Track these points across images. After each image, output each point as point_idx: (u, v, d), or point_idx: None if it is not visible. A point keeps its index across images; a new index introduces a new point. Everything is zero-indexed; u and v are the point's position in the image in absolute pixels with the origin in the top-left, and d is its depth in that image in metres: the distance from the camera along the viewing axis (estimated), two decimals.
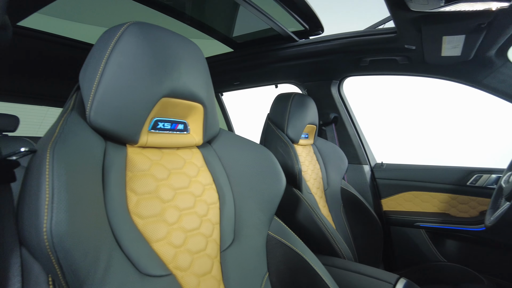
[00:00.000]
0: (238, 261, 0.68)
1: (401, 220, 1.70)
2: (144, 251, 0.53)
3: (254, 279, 0.70)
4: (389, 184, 1.79)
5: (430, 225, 1.60)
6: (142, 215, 0.56)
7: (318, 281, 0.73)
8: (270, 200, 0.76)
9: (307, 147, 1.55)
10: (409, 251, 1.65)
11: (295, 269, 0.74)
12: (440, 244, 1.60)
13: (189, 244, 0.61)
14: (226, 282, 0.64)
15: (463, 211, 1.60)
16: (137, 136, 0.59)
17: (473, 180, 1.59)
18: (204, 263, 0.62)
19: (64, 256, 0.37)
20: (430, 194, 1.68)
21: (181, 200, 0.63)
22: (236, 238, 0.71)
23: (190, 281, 0.58)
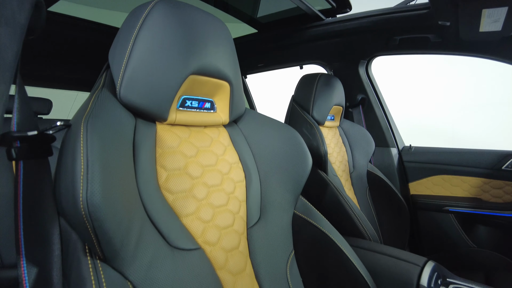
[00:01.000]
0: (264, 239, 0.69)
1: (429, 204, 1.66)
2: (174, 225, 0.55)
3: (280, 257, 0.70)
4: (417, 168, 1.74)
5: (460, 209, 1.55)
6: (172, 190, 0.57)
7: (345, 260, 0.72)
8: (296, 180, 0.76)
9: (332, 129, 1.53)
10: (437, 236, 1.61)
11: (321, 248, 0.74)
12: (471, 230, 1.55)
13: (217, 219, 0.62)
14: (253, 258, 0.65)
15: (496, 196, 1.53)
16: (166, 113, 0.59)
17: (509, 164, 1.52)
18: (232, 238, 0.63)
19: (99, 226, 0.39)
20: (461, 178, 1.62)
21: (209, 177, 0.64)
22: (262, 216, 0.72)
23: (218, 256, 0.59)
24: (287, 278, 0.69)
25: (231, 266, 0.60)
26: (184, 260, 0.53)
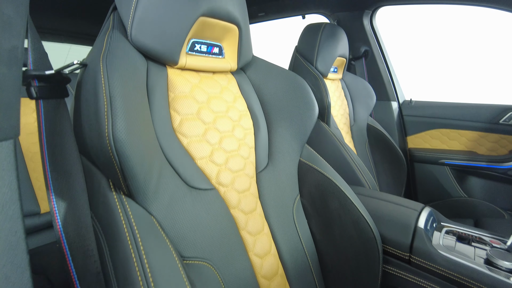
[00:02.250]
0: (272, 183, 0.72)
1: (426, 157, 1.70)
2: (190, 166, 0.56)
3: (287, 200, 0.74)
4: (416, 122, 1.77)
5: (456, 162, 1.60)
6: (186, 134, 0.58)
7: (348, 204, 0.76)
8: (302, 128, 0.77)
9: (335, 81, 1.52)
10: (432, 188, 1.67)
11: (325, 192, 0.77)
12: (464, 182, 1.61)
13: (229, 163, 0.64)
14: (262, 200, 0.69)
15: (491, 150, 1.58)
16: (176, 56, 0.59)
17: (507, 118, 1.54)
18: (243, 181, 0.65)
19: (125, 161, 0.40)
20: (458, 132, 1.65)
21: (221, 124, 0.65)
22: (270, 162, 0.74)
23: (231, 196, 0.62)
24: (293, 219, 0.73)
25: (243, 206, 0.63)
26: (201, 199, 0.56)
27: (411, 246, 0.81)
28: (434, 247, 0.80)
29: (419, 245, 0.81)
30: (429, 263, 0.78)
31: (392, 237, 0.84)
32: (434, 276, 0.78)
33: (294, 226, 0.72)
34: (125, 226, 0.40)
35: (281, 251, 0.67)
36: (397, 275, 0.83)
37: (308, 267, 0.72)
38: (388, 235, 0.85)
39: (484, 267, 0.76)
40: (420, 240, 0.81)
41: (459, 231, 0.91)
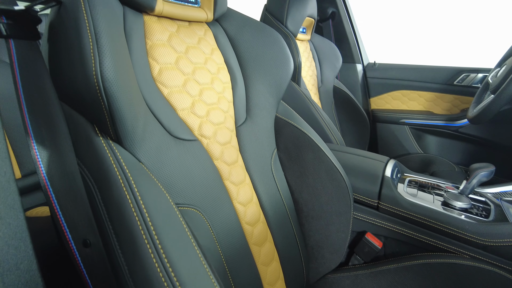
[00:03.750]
0: (251, 137, 0.73)
1: (387, 117, 1.79)
2: (172, 117, 0.56)
3: (265, 153, 0.75)
4: (379, 83, 1.84)
5: (414, 121, 1.71)
6: (166, 84, 0.56)
7: (322, 156, 0.79)
8: (278, 82, 0.78)
9: (304, 42, 1.52)
10: (393, 145, 1.78)
11: (301, 145, 0.80)
12: (421, 139, 1.73)
13: (210, 116, 0.63)
14: (243, 152, 0.70)
15: (446, 109, 1.69)
16: (153, 1, 0.56)
17: (460, 79, 1.65)
18: (225, 134, 0.66)
19: (113, 102, 0.39)
20: (417, 93, 1.75)
21: (200, 75, 0.64)
22: (248, 117, 0.74)
23: (214, 148, 0.62)
24: (271, 171, 0.75)
25: (226, 158, 0.64)
26: (185, 149, 0.56)
27: (379, 194, 0.88)
28: (400, 193, 0.87)
29: (387, 192, 0.87)
30: (395, 208, 0.85)
31: (361, 186, 0.90)
32: (399, 219, 0.85)
33: (272, 177, 0.75)
34: (117, 170, 0.40)
35: (261, 200, 0.70)
36: (366, 220, 0.89)
37: (286, 214, 0.75)
38: (358, 184, 0.90)
39: (442, 208, 0.84)
40: (388, 188, 0.87)
41: (420, 180, 0.98)
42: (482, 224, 0.79)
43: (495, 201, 0.91)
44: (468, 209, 0.85)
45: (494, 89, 1.18)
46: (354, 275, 0.84)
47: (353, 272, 0.85)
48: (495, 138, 1.53)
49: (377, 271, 0.82)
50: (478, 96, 1.34)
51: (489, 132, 1.54)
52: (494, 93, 1.17)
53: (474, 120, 1.23)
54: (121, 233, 0.38)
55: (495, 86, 1.18)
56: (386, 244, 0.88)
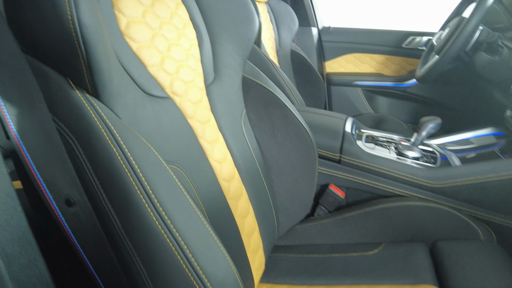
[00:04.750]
0: (221, 97, 0.73)
1: (341, 80, 1.87)
2: (144, 73, 0.54)
3: (235, 112, 0.76)
4: (334, 47, 1.89)
5: (366, 83, 1.80)
6: (134, 38, 0.54)
7: (289, 114, 0.82)
8: (244, 41, 0.78)
9: (261, 4, 1.50)
10: (346, 107, 1.87)
11: (268, 105, 0.81)
12: (373, 100, 1.84)
13: (180, 73, 0.62)
14: (214, 112, 0.70)
15: (395, 71, 1.80)
16: None
17: (408, 42, 1.75)
18: (196, 92, 0.65)
19: (91, 50, 0.36)
20: (369, 55, 1.83)
21: (167, 30, 0.62)
22: (216, 76, 0.74)
23: (187, 106, 0.61)
24: (242, 130, 0.77)
25: (199, 116, 0.64)
26: (160, 106, 0.55)
27: (341, 148, 0.93)
28: (359, 147, 0.93)
29: (348, 146, 0.93)
30: (356, 160, 0.91)
31: (324, 142, 0.95)
32: (359, 170, 0.92)
33: (243, 136, 0.76)
34: (99, 124, 0.38)
35: (235, 157, 0.71)
36: (329, 174, 0.95)
37: (258, 171, 0.78)
38: (321, 140, 0.95)
39: (396, 158, 0.92)
40: (348, 142, 0.93)
41: (376, 135, 1.06)
42: (431, 169, 0.88)
43: (440, 150, 1.01)
44: (419, 157, 0.94)
45: (438, 50, 1.28)
46: (320, 224, 0.91)
47: (319, 221, 0.92)
48: (439, 97, 1.67)
49: (341, 218, 0.89)
50: (424, 57, 1.44)
51: (433, 92, 1.68)
52: (438, 54, 1.27)
53: (421, 79, 1.33)
54: (111, 187, 0.37)
55: (439, 47, 1.27)
56: (348, 194, 0.95)
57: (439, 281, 0.69)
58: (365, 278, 0.72)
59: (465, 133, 1.10)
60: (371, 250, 0.79)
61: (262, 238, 0.76)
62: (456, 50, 1.14)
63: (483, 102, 1.41)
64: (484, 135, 1.10)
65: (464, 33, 1.10)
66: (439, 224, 0.81)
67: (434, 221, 0.81)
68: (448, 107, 1.67)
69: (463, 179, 0.83)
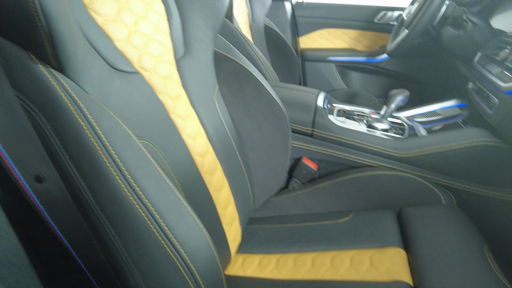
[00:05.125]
0: (192, 72, 0.72)
1: (315, 56, 1.87)
2: (110, 47, 0.52)
3: (207, 88, 0.76)
4: (307, 22, 1.88)
5: (340, 58, 1.82)
6: (99, 11, 0.52)
7: (262, 88, 0.82)
8: (214, 15, 0.77)
9: None
10: (320, 83, 1.89)
11: (241, 80, 0.81)
12: (346, 75, 1.86)
13: (149, 47, 0.61)
14: (186, 87, 0.69)
15: (367, 46, 1.82)
16: None
17: (380, 17, 1.77)
18: (165, 67, 0.64)
19: (52, 24, 0.35)
20: (342, 31, 1.84)
21: (134, 4, 0.60)
22: (187, 51, 0.73)
23: (156, 81, 0.61)
24: (215, 105, 0.77)
25: (169, 92, 0.63)
26: (128, 81, 0.54)
27: (313, 122, 0.95)
28: (331, 120, 0.96)
29: (319, 120, 0.95)
30: (327, 133, 0.93)
31: (297, 116, 0.97)
32: (331, 143, 0.94)
33: (216, 111, 0.76)
34: (65, 97, 0.37)
35: (208, 133, 0.72)
36: (302, 147, 0.98)
37: (232, 146, 0.79)
38: (293, 115, 0.97)
39: (366, 130, 0.95)
40: (320, 116, 0.95)
41: (348, 109, 1.08)
42: (398, 140, 0.92)
43: (409, 122, 1.05)
44: (388, 129, 0.98)
45: (407, 25, 1.30)
46: (294, 195, 0.94)
47: (293, 193, 0.95)
48: (409, 71, 1.72)
49: (313, 189, 0.92)
50: (394, 32, 1.46)
51: (404, 66, 1.72)
52: (408, 28, 1.29)
53: (391, 54, 1.36)
54: (80, 161, 0.37)
55: (408, 21, 1.30)
56: (321, 166, 0.98)
57: (404, 243, 0.74)
58: (336, 244, 0.76)
59: (432, 105, 1.15)
60: (342, 218, 0.83)
61: (238, 211, 0.78)
62: (424, 24, 1.17)
63: (450, 76, 1.47)
64: (449, 107, 1.15)
65: (431, 7, 1.13)
66: (405, 191, 0.86)
67: (401, 189, 0.86)
68: (418, 81, 1.73)
69: (427, 148, 0.87)
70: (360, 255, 0.71)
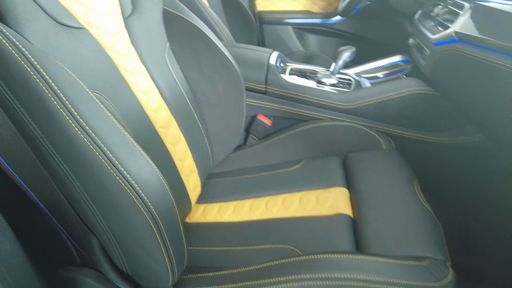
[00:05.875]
0: (141, 29, 0.73)
1: (272, 18, 1.88)
2: (52, 2, 0.53)
3: (158, 46, 0.78)
4: None
5: (296, 20, 1.84)
6: None
7: (213, 46, 0.84)
8: None
9: None
10: (279, 46, 1.91)
11: (193, 38, 0.83)
12: (303, 37, 1.90)
13: (95, 4, 0.61)
14: (135, 45, 0.71)
15: (322, 8, 1.86)
16: None
17: None
18: (113, 24, 0.65)
19: None
20: None
21: None
22: (135, 8, 0.73)
23: (105, 37, 0.62)
24: (167, 63, 0.79)
25: (119, 48, 0.65)
26: (74, 36, 0.55)
27: (266, 79, 1.00)
28: (283, 77, 1.01)
29: (272, 77, 1.00)
30: (280, 90, 0.99)
31: (250, 74, 1.01)
32: (284, 99, 1.00)
33: (168, 69, 0.79)
34: (8, 45, 0.39)
35: (160, 89, 0.74)
36: (257, 105, 1.03)
37: (187, 103, 0.82)
38: (247, 73, 1.00)
39: (316, 85, 1.01)
40: (273, 73, 1.00)
41: (300, 67, 1.14)
42: (344, 93, 0.99)
43: (356, 77, 1.12)
44: (335, 84, 1.04)
45: None
46: (251, 150, 1.00)
47: (250, 148, 1.00)
48: (362, 32, 1.78)
49: (269, 142, 0.99)
50: None
51: (358, 27, 1.78)
52: None
53: (343, 13, 1.41)
54: (30, 105, 0.39)
55: None
56: (275, 122, 1.04)
57: (347, 183, 0.82)
58: (288, 188, 0.83)
59: (378, 61, 1.23)
60: (293, 166, 0.91)
61: (196, 164, 0.83)
62: None
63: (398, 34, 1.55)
64: (393, 62, 1.23)
65: None
66: (350, 139, 0.94)
67: (346, 137, 0.94)
68: (371, 41, 1.80)
69: (369, 99, 0.95)
70: (307, 195, 0.79)
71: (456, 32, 0.74)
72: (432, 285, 0.50)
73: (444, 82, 0.87)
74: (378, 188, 0.76)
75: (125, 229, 0.45)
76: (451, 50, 0.76)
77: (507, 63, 0.57)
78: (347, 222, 0.71)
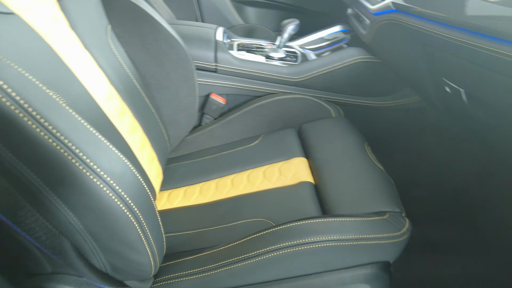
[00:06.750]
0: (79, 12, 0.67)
1: None
2: None
3: (99, 29, 0.72)
4: None
5: None
6: None
7: (158, 25, 0.80)
8: None
9: None
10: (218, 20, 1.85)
11: (136, 18, 0.78)
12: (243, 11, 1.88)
13: None
14: (75, 29, 0.65)
15: None
16: None
17: None
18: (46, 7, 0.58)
19: None
20: None
21: None
22: None
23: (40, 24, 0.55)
24: (110, 47, 0.74)
25: (58, 35, 0.59)
26: (5, 24, 0.49)
27: (215, 57, 0.98)
28: (232, 54, 1.00)
29: (221, 55, 0.98)
30: (230, 67, 0.98)
31: (199, 53, 0.98)
32: (235, 76, 1.00)
33: (112, 53, 0.74)
34: None
35: (109, 76, 0.69)
36: (209, 84, 1.01)
37: (136, 88, 0.78)
38: (195, 52, 0.98)
39: (265, 60, 1.02)
40: (222, 50, 0.99)
41: (247, 42, 1.13)
42: (293, 66, 1.02)
43: (301, 50, 1.15)
44: (283, 58, 1.06)
45: None
46: (208, 130, 0.99)
47: (207, 128, 1.00)
48: (300, 2, 1.80)
49: (225, 121, 0.99)
50: None
51: None
52: None
53: None
54: None
55: None
56: (229, 100, 1.04)
57: (305, 153, 0.87)
58: (250, 164, 0.85)
59: (320, 33, 1.26)
60: (252, 142, 0.93)
61: (155, 150, 0.80)
62: None
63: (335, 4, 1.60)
64: (334, 32, 1.28)
65: None
66: (302, 110, 0.98)
67: (299, 109, 0.97)
68: (309, 12, 1.83)
69: (317, 70, 0.99)
70: (270, 168, 0.82)
71: (393, 2, 0.79)
72: (394, 235, 0.57)
73: (384, 50, 0.93)
74: (334, 154, 0.81)
75: (103, 226, 0.43)
76: (389, 19, 0.81)
77: (438, 30, 0.63)
78: (310, 188, 0.76)
